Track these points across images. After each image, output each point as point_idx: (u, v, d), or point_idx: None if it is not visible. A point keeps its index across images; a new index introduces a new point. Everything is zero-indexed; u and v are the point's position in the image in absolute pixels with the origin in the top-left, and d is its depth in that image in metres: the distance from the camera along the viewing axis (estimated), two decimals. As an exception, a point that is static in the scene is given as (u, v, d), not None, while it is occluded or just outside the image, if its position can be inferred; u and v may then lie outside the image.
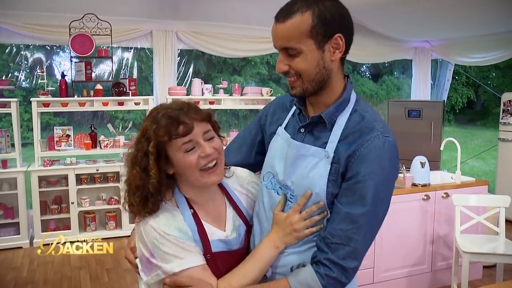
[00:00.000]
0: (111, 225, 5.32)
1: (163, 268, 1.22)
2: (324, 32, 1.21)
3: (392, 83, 17.10)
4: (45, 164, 5.06)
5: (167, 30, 5.87)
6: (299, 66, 1.23)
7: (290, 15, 1.21)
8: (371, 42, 7.21)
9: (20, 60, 10.74)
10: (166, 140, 1.23)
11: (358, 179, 1.20)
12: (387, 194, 1.25)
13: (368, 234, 1.21)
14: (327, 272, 1.19)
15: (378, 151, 1.21)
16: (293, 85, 1.28)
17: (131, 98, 5.42)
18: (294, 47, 1.21)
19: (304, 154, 1.30)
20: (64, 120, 11.00)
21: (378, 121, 1.28)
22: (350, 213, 1.19)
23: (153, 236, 1.23)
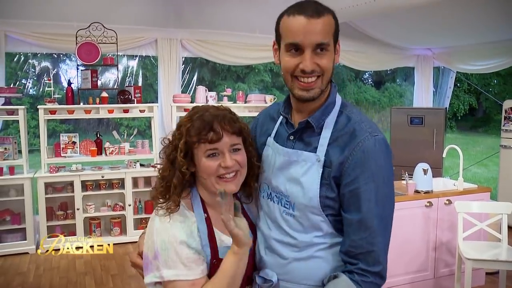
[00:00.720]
0: (116, 231, 5.32)
1: (161, 272, 1.25)
2: (336, 36, 1.27)
3: (394, 91, 17.10)
4: (51, 170, 5.08)
5: (171, 38, 5.90)
6: (326, 64, 1.25)
7: (321, 12, 1.22)
8: (374, 50, 7.23)
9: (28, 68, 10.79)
10: (194, 141, 1.27)
11: (359, 185, 1.21)
12: (390, 190, 1.26)
13: (384, 233, 1.23)
14: (362, 278, 1.20)
15: (372, 152, 1.21)
16: (312, 87, 1.26)
17: (136, 105, 5.43)
18: (328, 42, 1.23)
19: (296, 160, 1.31)
20: (70, 127, 11.05)
21: (365, 121, 1.28)
22: (361, 220, 1.21)
23: (163, 238, 1.25)
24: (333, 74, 1.32)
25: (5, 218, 5.02)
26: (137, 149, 5.56)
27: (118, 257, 4.87)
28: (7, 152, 4.99)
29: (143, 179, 5.43)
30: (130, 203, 5.30)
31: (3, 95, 4.97)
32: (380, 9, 5.33)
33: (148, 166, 5.44)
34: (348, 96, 16.35)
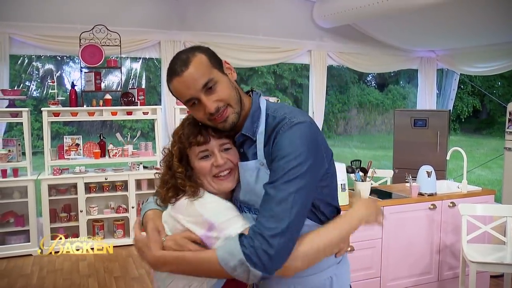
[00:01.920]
0: (119, 233, 5.32)
1: (225, 233, 1.28)
2: (216, 61, 1.34)
3: (397, 93, 17.08)
4: (54, 172, 5.09)
5: (175, 41, 5.91)
6: (223, 93, 1.32)
7: (187, 61, 1.29)
8: (377, 52, 7.22)
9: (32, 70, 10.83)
10: (186, 146, 1.37)
11: (275, 162, 1.27)
12: (302, 166, 1.24)
13: (284, 204, 1.21)
14: (249, 241, 1.19)
15: (287, 134, 1.27)
16: (227, 117, 1.33)
17: (139, 107, 5.44)
18: (211, 77, 1.29)
19: (245, 170, 1.38)
20: (73, 129, 11.07)
21: (287, 113, 1.34)
22: (265, 188, 1.26)
23: (209, 207, 1.32)
24: (239, 91, 1.38)
25: (9, 220, 5.03)
26: (141, 151, 5.57)
27: (121, 259, 4.87)
28: (11, 154, 5.01)
29: (146, 181, 5.44)
30: (133, 205, 5.30)
31: (7, 97, 4.99)
32: (391, 10, 5.32)
33: (151, 168, 5.45)
34: (351, 99, 16.34)
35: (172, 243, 1.31)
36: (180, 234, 1.33)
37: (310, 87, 7.03)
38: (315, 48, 6.82)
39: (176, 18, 5.92)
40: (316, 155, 1.30)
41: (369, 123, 17.17)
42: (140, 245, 1.35)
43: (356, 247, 3.42)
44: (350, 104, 16.47)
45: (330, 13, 6.24)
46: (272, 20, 6.43)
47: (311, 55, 6.84)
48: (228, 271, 1.20)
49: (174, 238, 1.33)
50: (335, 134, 16.26)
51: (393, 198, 3.71)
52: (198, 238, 1.31)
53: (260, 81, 14.51)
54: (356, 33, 6.90)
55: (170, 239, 1.33)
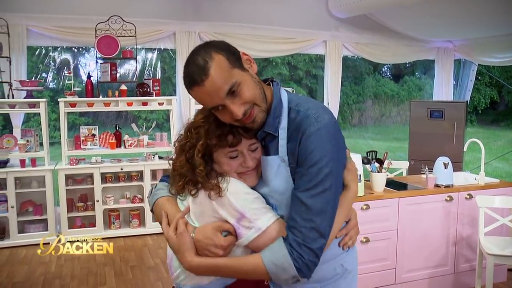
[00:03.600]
0: (135, 223, 5.38)
1: (255, 225, 1.27)
2: (235, 57, 1.26)
3: (413, 84, 16.87)
4: (71, 162, 5.16)
5: (190, 31, 5.91)
6: (248, 95, 1.25)
7: (206, 68, 1.21)
8: (393, 43, 7.14)
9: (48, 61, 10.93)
10: (215, 144, 1.31)
11: (304, 167, 1.25)
12: (334, 171, 1.25)
13: (324, 214, 1.23)
14: (299, 256, 1.21)
15: (316, 137, 1.24)
16: (255, 117, 1.28)
17: (154, 98, 5.47)
18: (233, 81, 1.22)
19: (266, 165, 1.34)
20: (89, 120, 11.18)
21: (311, 108, 1.30)
22: (300, 196, 1.24)
23: (239, 197, 1.28)
24: (261, 85, 1.33)
25: (28, 209, 5.12)
26: (156, 142, 5.60)
27: (137, 249, 4.93)
28: (29, 144, 5.08)
29: (161, 172, 5.46)
30: (148, 195, 5.33)
31: (25, 88, 5.06)
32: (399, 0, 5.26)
33: (166, 159, 5.40)
34: (366, 90, 16.19)
35: (203, 237, 1.29)
36: (210, 225, 1.30)
37: (325, 78, 6.99)
38: (330, 38, 6.76)
39: (191, 9, 5.91)
40: (343, 155, 1.32)
41: (384, 115, 17.01)
42: (172, 247, 1.35)
43: (372, 238, 3.41)
44: (365, 96, 16.33)
45: (345, 3, 6.18)
46: (287, 11, 6.39)
47: (326, 45, 6.78)
48: (277, 281, 1.26)
49: (204, 230, 1.30)
50: (350, 125, 16.15)
51: (408, 189, 3.68)
52: (231, 228, 1.29)
53: (274, 72, 14.45)
54: (372, 23, 6.82)
55: (199, 232, 1.30)
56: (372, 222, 3.41)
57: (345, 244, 1.43)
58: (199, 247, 1.29)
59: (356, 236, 1.48)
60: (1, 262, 4.57)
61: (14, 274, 4.24)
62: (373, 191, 3.50)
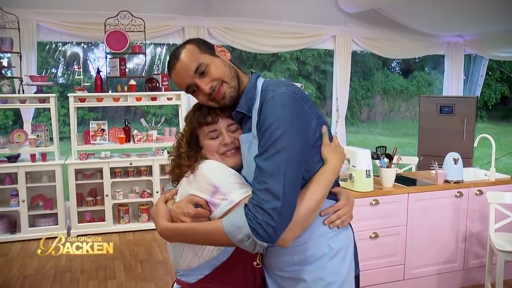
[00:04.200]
0: (144, 217, 5.41)
1: (229, 198, 1.35)
2: (206, 46, 1.45)
3: (422, 79, 16.76)
4: (81, 157, 5.19)
5: (198, 27, 5.91)
6: (215, 72, 1.40)
7: (178, 55, 1.42)
8: (403, 38, 7.10)
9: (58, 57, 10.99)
10: (196, 127, 1.48)
11: (261, 133, 1.31)
12: (287, 134, 1.27)
13: (276, 176, 1.24)
14: (252, 215, 1.23)
15: (269, 103, 1.31)
16: (224, 93, 1.41)
17: (163, 93, 5.48)
18: (200, 62, 1.39)
19: (241, 144, 1.44)
20: (98, 115, 11.22)
21: (274, 84, 1.39)
22: (256, 161, 1.30)
23: (215, 172, 1.39)
24: (235, 69, 1.47)
25: (38, 203, 5.17)
26: (165, 137, 5.61)
27: (146, 243, 4.96)
28: (39, 139, 5.12)
29: (170, 167, 5.49)
30: (157, 190, 5.37)
31: (36, 83, 5.09)
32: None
33: (174, 154, 5.48)
34: (375, 85, 16.11)
35: (176, 208, 1.40)
36: (184, 199, 1.41)
37: (334, 74, 6.96)
38: (340, 33, 6.73)
39: (200, 4, 5.91)
40: (302, 121, 1.33)
41: (393, 110, 16.92)
42: (152, 216, 1.49)
43: (380, 234, 3.40)
44: (374, 91, 16.26)
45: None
46: (296, 5, 6.36)
47: (335, 40, 6.75)
48: (235, 242, 1.26)
49: (178, 203, 1.42)
50: (359, 121, 16.09)
51: (418, 185, 3.66)
52: (202, 201, 1.37)
53: (283, 67, 14.42)
54: (381, 18, 6.78)
55: (175, 205, 1.42)
56: (381, 217, 3.40)
57: (331, 223, 1.43)
58: (173, 216, 1.41)
59: (347, 218, 1.47)
60: (13, 255, 4.63)
61: (26, 267, 4.29)
62: (382, 186, 3.49)
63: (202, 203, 1.38)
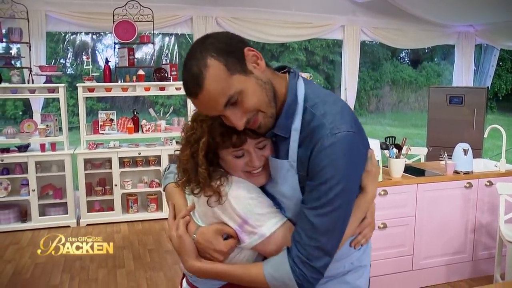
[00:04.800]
0: (153, 207, 5.44)
1: (259, 231, 1.21)
2: (235, 60, 1.11)
3: (432, 70, 16.61)
4: (90, 147, 5.22)
5: (207, 16, 5.89)
6: (250, 102, 1.13)
7: (199, 79, 1.08)
8: (412, 27, 7.03)
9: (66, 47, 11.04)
10: (219, 146, 1.22)
11: (314, 182, 1.16)
12: (346, 189, 1.15)
13: (331, 233, 1.17)
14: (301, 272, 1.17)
15: (329, 152, 1.12)
16: (260, 124, 1.18)
17: (172, 83, 5.48)
18: (231, 93, 1.10)
19: (274, 167, 1.26)
20: (107, 105, 11.26)
21: (328, 113, 1.17)
22: (307, 213, 1.17)
23: (241, 202, 1.21)
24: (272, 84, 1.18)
25: (48, 192, 5.21)
26: (173, 127, 5.63)
27: (154, 233, 4.99)
28: (48, 129, 5.15)
29: (179, 157, 5.50)
30: (162, 175, 5.37)
31: (45, 73, 5.11)
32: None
33: (179, 144, 5.50)
34: (384, 76, 16.00)
35: (203, 240, 1.25)
36: (212, 227, 1.26)
37: (343, 64, 6.92)
38: (348, 23, 6.68)
39: (208, -7, 5.89)
40: (360, 167, 1.24)
41: (402, 101, 16.81)
42: (174, 248, 1.32)
43: (389, 224, 3.39)
44: (382, 81, 16.15)
45: (364, -14, 6.08)
46: (305, -5, 6.31)
47: (344, 30, 6.71)
48: None
49: (205, 233, 1.26)
50: (367, 111, 16.01)
51: (427, 175, 3.64)
52: (232, 231, 1.24)
53: (291, 58, 14.35)
54: (391, 8, 6.70)
55: (200, 235, 1.26)
56: (389, 208, 3.39)
57: (357, 243, 1.37)
58: (200, 249, 1.26)
59: (371, 233, 1.40)
60: (24, 243, 4.68)
61: (36, 255, 4.33)
62: (391, 177, 3.47)
63: (232, 234, 1.24)
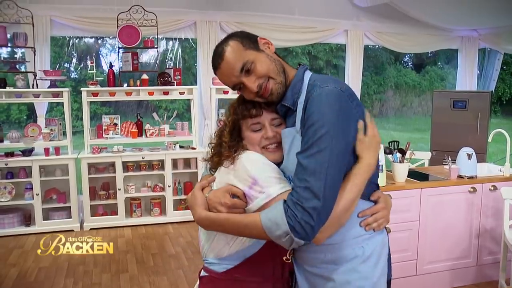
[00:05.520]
0: (156, 211, 5.44)
1: (266, 191, 1.34)
2: (250, 41, 1.41)
3: (435, 74, 16.57)
4: (94, 151, 5.23)
5: (210, 21, 5.91)
6: (261, 69, 1.38)
7: (222, 53, 1.39)
8: (416, 32, 7.03)
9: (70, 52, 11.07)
10: (240, 118, 1.46)
11: (304, 130, 1.30)
12: (331, 133, 1.26)
13: (318, 174, 1.23)
14: (292, 213, 1.23)
15: (316, 100, 1.30)
16: (270, 90, 1.39)
17: (176, 87, 5.50)
18: (245, 60, 1.37)
19: (283, 137, 1.42)
20: (111, 110, 11.27)
21: (324, 80, 1.36)
22: (298, 157, 1.29)
23: (255, 164, 1.38)
24: (281, 62, 1.44)
25: (52, 196, 5.23)
26: (177, 131, 5.64)
27: (158, 237, 5.00)
28: (53, 133, 5.17)
29: (182, 161, 5.52)
30: (169, 184, 5.40)
31: (49, 78, 5.14)
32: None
33: (187, 148, 5.53)
34: (387, 80, 15.99)
35: (213, 196, 1.40)
36: (221, 188, 1.41)
37: (346, 68, 6.93)
38: (352, 27, 6.69)
39: (212, -2, 5.91)
40: (347, 121, 1.31)
41: (405, 105, 16.79)
42: (188, 204, 1.49)
43: (393, 229, 3.38)
44: (386, 86, 16.14)
45: (367, -9, 6.09)
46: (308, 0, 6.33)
47: (348, 35, 6.71)
48: (272, 238, 1.27)
49: (216, 192, 1.42)
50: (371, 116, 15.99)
51: (430, 180, 3.64)
52: (240, 192, 1.37)
53: (294, 62, 14.34)
54: (394, 12, 6.70)
55: (212, 193, 1.42)
56: (393, 212, 3.33)
57: (367, 225, 1.42)
58: (209, 205, 1.41)
59: (384, 221, 1.46)
60: (28, 247, 4.70)
61: (40, 259, 4.35)
62: (395, 181, 3.47)
63: (239, 194, 1.37)
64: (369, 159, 1.37)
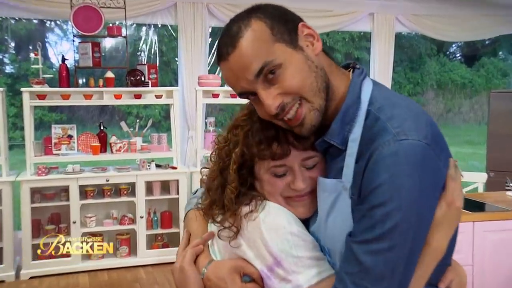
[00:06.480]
0: (124, 251, 5.45)
1: (295, 280, 1.18)
2: (284, 27, 1.16)
3: (494, 68, 16.57)
4: (39, 172, 5.18)
5: (195, 2, 5.95)
6: (291, 81, 1.14)
7: (236, 36, 1.13)
8: (466, 13, 7.04)
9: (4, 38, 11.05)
10: (255, 156, 1.24)
11: (366, 205, 1.10)
12: (409, 219, 1.07)
13: (387, 281, 1.09)
14: None
15: (389, 164, 1.07)
16: (299, 119, 1.17)
17: (150, 89, 5.52)
18: (269, 59, 1.12)
19: (322, 191, 1.24)
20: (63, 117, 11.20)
21: (396, 116, 1.12)
22: (354, 249, 1.11)
23: (283, 234, 1.19)
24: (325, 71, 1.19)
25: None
26: (152, 146, 5.66)
27: (125, 285, 4.98)
28: (-21, 149, 5.11)
29: (159, 184, 5.54)
30: (142, 214, 5.41)
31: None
32: None
33: (166, 167, 5.55)
34: (426, 77, 16.07)
35: (214, 276, 1.25)
36: (229, 262, 1.26)
37: (371, 63, 7.00)
38: (379, 10, 6.75)
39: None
40: (433, 193, 1.14)
41: (452, 110, 16.87)
42: (176, 285, 1.33)
43: (439, 275, 3.42)
44: (425, 85, 16.23)
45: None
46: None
47: (374, 19, 6.79)
48: None
49: (219, 268, 1.26)
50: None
51: (487, 211, 3.68)
52: (255, 273, 1.22)
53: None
54: (437, -12, 6.78)
55: (213, 270, 1.27)
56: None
57: None
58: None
59: None
60: None
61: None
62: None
63: (255, 276, 1.22)
64: (440, 240, 1.18)
